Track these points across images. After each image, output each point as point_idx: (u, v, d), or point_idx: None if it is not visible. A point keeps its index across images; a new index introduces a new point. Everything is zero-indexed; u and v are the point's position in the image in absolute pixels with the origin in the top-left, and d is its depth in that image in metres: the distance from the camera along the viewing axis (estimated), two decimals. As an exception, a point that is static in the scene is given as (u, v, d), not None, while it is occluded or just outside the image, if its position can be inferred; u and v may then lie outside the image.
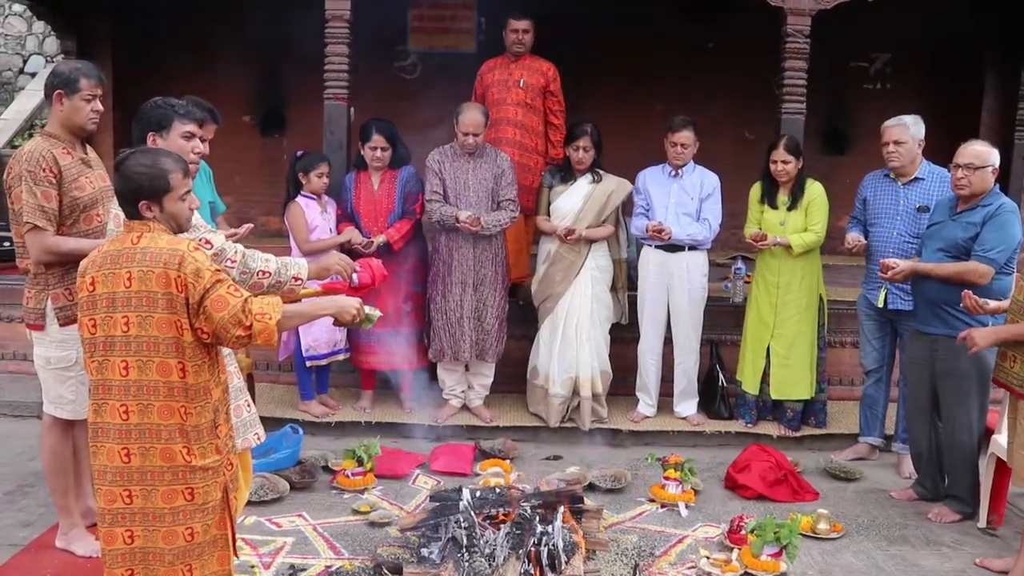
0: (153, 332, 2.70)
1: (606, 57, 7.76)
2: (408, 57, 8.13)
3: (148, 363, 2.72)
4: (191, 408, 2.76)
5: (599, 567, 3.93)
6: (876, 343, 5.41)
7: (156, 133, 3.49)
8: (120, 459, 2.74)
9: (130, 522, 2.77)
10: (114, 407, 2.74)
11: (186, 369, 2.74)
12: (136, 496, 2.75)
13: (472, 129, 5.47)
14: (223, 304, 2.71)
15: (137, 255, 2.73)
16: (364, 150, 5.65)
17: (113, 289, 2.73)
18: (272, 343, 2.82)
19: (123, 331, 2.71)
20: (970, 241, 4.51)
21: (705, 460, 5.43)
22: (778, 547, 4.03)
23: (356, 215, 5.69)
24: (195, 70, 7.69)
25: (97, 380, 2.78)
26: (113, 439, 2.75)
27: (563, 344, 5.72)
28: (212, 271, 2.75)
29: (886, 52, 8.18)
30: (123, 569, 2.79)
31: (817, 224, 5.52)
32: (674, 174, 5.73)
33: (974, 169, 4.48)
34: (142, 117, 3.56)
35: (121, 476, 2.75)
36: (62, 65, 4.04)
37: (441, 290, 5.66)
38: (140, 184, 2.79)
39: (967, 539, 4.51)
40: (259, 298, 2.83)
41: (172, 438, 2.75)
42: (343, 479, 4.91)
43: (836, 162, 7.93)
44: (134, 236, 2.79)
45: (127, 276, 2.71)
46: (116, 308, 2.72)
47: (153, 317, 2.70)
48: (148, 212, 2.80)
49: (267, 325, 2.76)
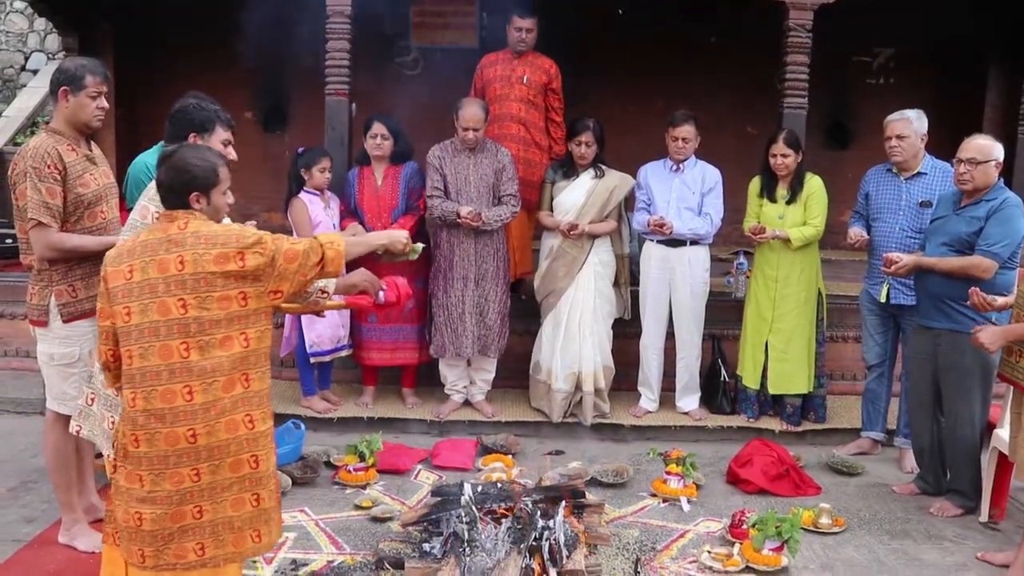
0: (215, 310, 2.78)
1: (607, 53, 7.77)
2: (410, 53, 8.13)
3: (210, 342, 2.79)
4: (253, 374, 2.86)
5: (600, 562, 3.93)
6: (878, 338, 5.40)
7: (198, 134, 3.52)
8: (186, 440, 2.78)
9: (199, 499, 2.82)
10: (173, 390, 2.77)
11: (248, 337, 2.85)
12: (204, 473, 2.81)
13: (472, 124, 5.47)
14: (294, 255, 2.90)
15: (188, 239, 2.81)
16: (366, 140, 5.66)
17: (160, 274, 2.79)
18: (340, 270, 3.08)
19: (180, 313, 2.77)
20: (974, 236, 4.49)
21: (707, 455, 5.43)
22: (780, 541, 4.03)
23: (360, 211, 5.69)
24: (197, 67, 7.70)
25: (141, 367, 2.80)
26: (174, 422, 2.78)
27: (566, 339, 5.72)
28: (265, 236, 2.88)
29: (889, 47, 8.17)
30: (194, 543, 2.83)
31: (816, 218, 5.52)
32: (675, 169, 5.72)
33: (976, 164, 4.47)
34: (184, 116, 3.58)
35: (189, 456, 2.79)
36: (68, 62, 4.04)
37: (443, 286, 5.66)
38: (195, 176, 2.90)
39: (969, 533, 4.51)
40: (318, 235, 3.09)
41: (236, 408, 2.83)
42: (345, 474, 4.91)
43: (838, 157, 7.93)
44: (180, 223, 2.87)
45: (178, 260, 2.78)
46: (166, 293, 2.77)
47: (213, 296, 2.78)
48: (197, 204, 2.91)
49: (338, 251, 3.01)
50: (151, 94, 7.76)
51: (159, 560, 2.81)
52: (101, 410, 3.44)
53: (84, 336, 3.95)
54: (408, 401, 5.94)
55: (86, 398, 3.54)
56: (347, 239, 3.16)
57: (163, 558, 2.81)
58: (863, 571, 4.09)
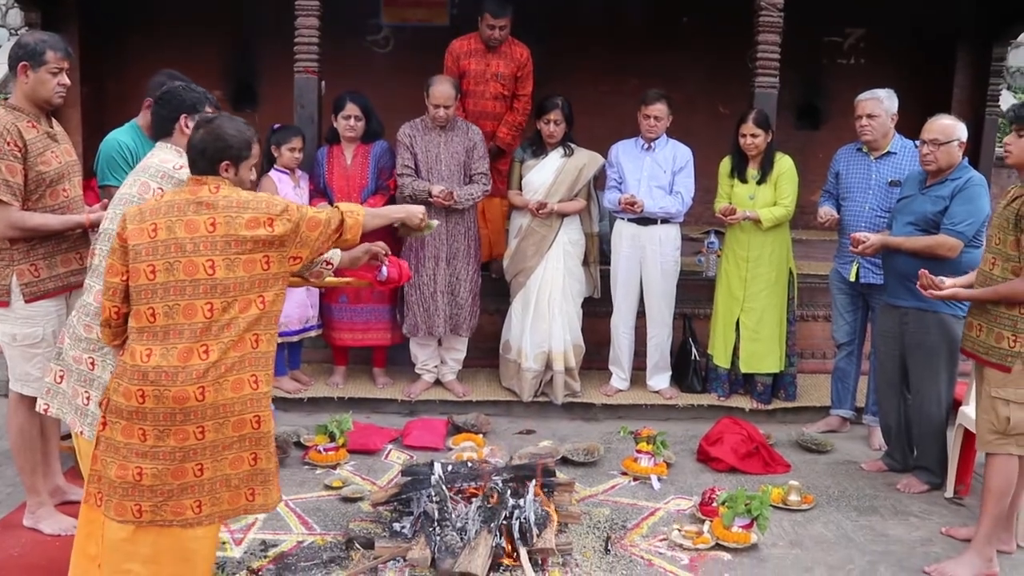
0: (240, 273, 2.86)
1: (580, 32, 7.72)
2: (380, 31, 8.04)
3: (232, 303, 2.86)
4: (263, 336, 2.94)
5: (571, 540, 3.94)
6: (848, 316, 5.44)
7: (189, 116, 3.48)
8: (195, 398, 2.82)
9: (201, 456, 2.86)
10: (192, 349, 2.83)
11: (265, 300, 2.92)
12: (208, 431, 2.86)
13: (443, 101, 5.43)
14: (316, 223, 3.02)
15: (220, 202, 2.90)
16: (337, 120, 5.61)
17: (188, 234, 2.85)
18: (357, 239, 3.20)
19: (208, 274, 2.84)
20: (939, 215, 4.52)
21: (678, 433, 5.45)
22: (749, 519, 4.06)
23: (329, 190, 5.65)
24: (166, 44, 7.58)
25: (165, 325, 2.84)
26: (185, 381, 2.82)
27: (535, 318, 5.71)
28: (291, 206, 2.99)
29: (859, 28, 8.18)
30: (192, 500, 2.88)
31: (787, 198, 5.53)
32: (647, 147, 5.72)
33: (939, 145, 4.48)
34: (175, 98, 3.52)
35: (196, 414, 2.84)
36: (28, 36, 3.95)
37: (414, 265, 5.63)
38: (230, 145, 2.99)
39: (934, 509, 4.56)
40: (338, 204, 3.21)
41: (243, 367, 2.89)
42: (315, 455, 4.89)
43: (810, 137, 7.94)
44: (211, 187, 2.94)
45: (210, 221, 2.86)
46: (194, 252, 2.84)
47: (241, 259, 2.86)
48: (225, 172, 2.99)
49: (357, 220, 3.16)
50: (118, 71, 7.64)
51: (156, 516, 2.86)
52: (74, 386, 3.38)
53: (47, 316, 3.89)
54: (379, 381, 5.92)
55: (55, 375, 3.48)
56: (367, 210, 3.30)
57: (161, 513, 2.86)
58: (831, 547, 4.13)
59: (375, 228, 3.46)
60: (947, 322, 4.53)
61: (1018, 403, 3.74)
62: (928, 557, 4.03)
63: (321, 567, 3.77)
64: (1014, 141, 3.80)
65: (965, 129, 4.55)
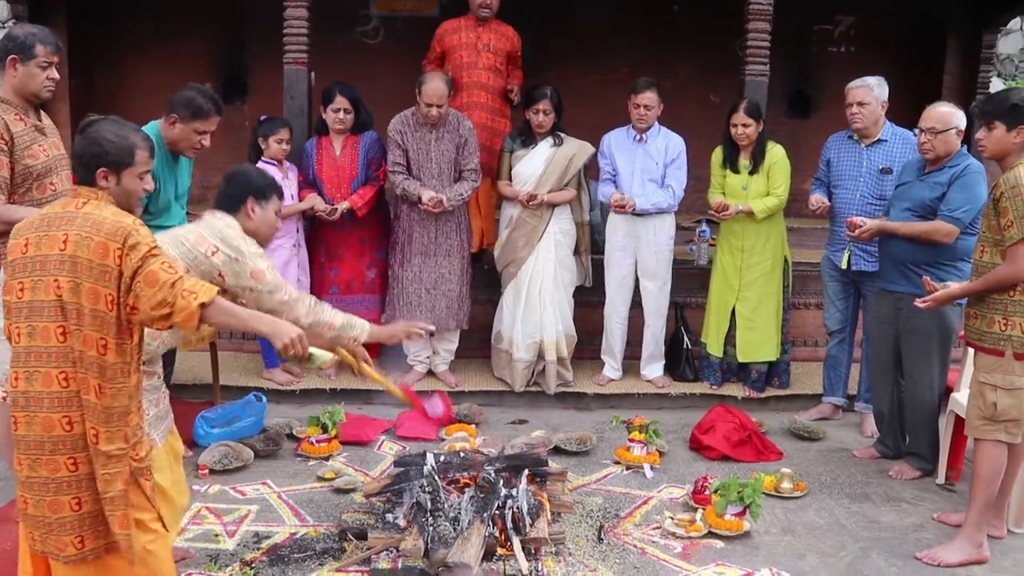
0: (83, 301, 2.58)
1: (570, 19, 7.70)
2: (370, 21, 8.01)
3: (76, 333, 2.60)
4: (106, 388, 2.63)
5: (564, 529, 3.95)
6: (839, 304, 5.44)
7: (256, 201, 3.51)
8: (62, 428, 2.62)
9: (77, 489, 2.65)
10: (51, 375, 2.62)
11: (108, 346, 2.61)
12: (81, 463, 2.64)
13: (435, 100, 5.34)
14: (154, 280, 2.58)
15: (78, 220, 2.62)
16: (326, 113, 5.57)
17: (46, 252, 2.61)
18: (190, 325, 2.63)
19: (56, 295, 2.59)
20: (937, 201, 4.52)
21: (670, 422, 5.46)
22: (742, 507, 4.06)
23: (319, 181, 5.63)
24: (155, 36, 7.55)
25: (28, 347, 2.64)
26: (51, 408, 2.62)
27: (527, 309, 5.71)
28: (150, 245, 2.62)
29: (850, 16, 8.17)
30: (73, 536, 2.67)
31: (779, 187, 5.52)
32: (639, 138, 5.69)
33: (936, 133, 4.48)
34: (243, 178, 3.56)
35: (64, 445, 2.63)
36: (17, 29, 3.92)
37: (400, 259, 5.62)
38: (105, 151, 2.71)
39: (926, 495, 4.58)
40: (194, 280, 2.68)
41: (94, 412, 2.63)
42: (307, 446, 4.89)
43: (801, 125, 7.93)
44: (79, 201, 2.69)
45: (63, 239, 2.60)
46: (48, 271, 2.60)
47: (84, 286, 2.57)
48: (104, 181, 2.71)
49: (189, 304, 2.58)
50: (107, 64, 7.61)
51: (44, 547, 2.70)
52: None
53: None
54: (371, 372, 5.91)
55: None
56: (220, 302, 2.69)
57: (46, 546, 2.69)
58: (824, 534, 4.14)
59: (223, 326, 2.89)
60: (941, 309, 4.52)
61: (1006, 389, 3.75)
62: (920, 543, 4.04)
63: (314, 558, 3.77)
64: (985, 136, 3.82)
65: (964, 117, 4.54)
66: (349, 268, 5.73)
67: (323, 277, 5.73)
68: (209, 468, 4.59)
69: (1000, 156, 3.81)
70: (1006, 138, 3.77)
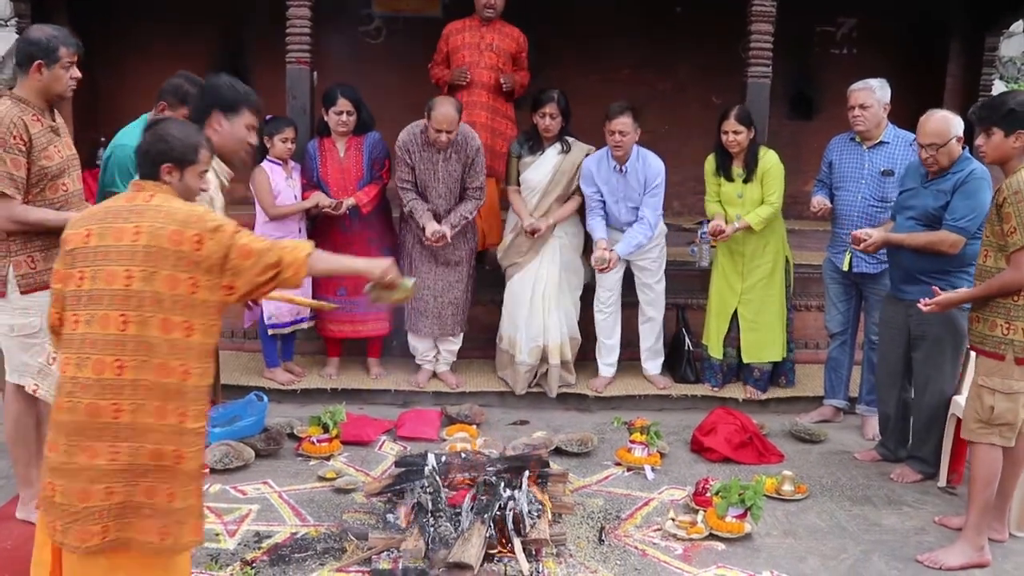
0: (159, 288, 2.67)
1: (571, 20, 7.69)
2: (372, 21, 8.01)
3: (150, 320, 2.66)
4: (193, 369, 2.72)
5: (565, 531, 3.94)
6: (841, 306, 5.44)
7: (225, 114, 3.52)
8: (109, 415, 2.64)
9: (111, 479, 2.64)
10: (104, 362, 2.65)
11: (192, 328, 2.71)
12: (123, 453, 2.64)
13: (445, 126, 5.26)
14: (248, 252, 2.75)
15: (149, 211, 2.74)
16: (328, 115, 5.54)
17: (114, 242, 2.70)
18: (298, 279, 2.85)
19: (124, 285, 2.67)
20: (941, 209, 4.46)
21: (671, 424, 5.45)
22: (743, 509, 4.06)
23: (323, 184, 5.60)
24: (156, 34, 7.54)
25: (83, 334, 2.68)
26: (99, 394, 2.64)
27: (530, 313, 5.69)
28: (233, 225, 2.79)
29: (852, 17, 8.17)
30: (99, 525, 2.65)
31: (773, 195, 5.47)
32: (618, 168, 5.54)
33: (937, 148, 4.43)
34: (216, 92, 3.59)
35: (108, 432, 2.63)
36: (37, 32, 3.91)
37: (407, 265, 5.64)
38: (172, 147, 2.86)
39: (928, 498, 4.58)
40: (285, 241, 2.92)
41: (167, 397, 2.68)
42: (309, 446, 4.88)
43: (803, 127, 7.93)
44: (146, 194, 2.81)
45: (134, 230, 2.70)
46: (114, 261, 2.68)
47: (160, 274, 2.67)
48: (168, 176, 2.86)
49: (296, 258, 2.82)
50: (109, 62, 7.59)
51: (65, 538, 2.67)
52: None
53: (44, 306, 3.86)
54: (372, 372, 5.91)
55: (47, 357, 3.48)
56: (319, 255, 2.94)
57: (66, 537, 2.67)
58: (825, 537, 4.13)
59: (325, 274, 3.22)
60: (952, 315, 4.45)
61: (1003, 393, 3.75)
62: (921, 546, 4.04)
63: (315, 558, 3.77)
64: (985, 141, 3.80)
65: (960, 122, 4.47)
66: None
67: (331, 278, 5.71)
68: (210, 467, 4.58)
69: (1001, 161, 3.80)
70: (1005, 144, 3.75)
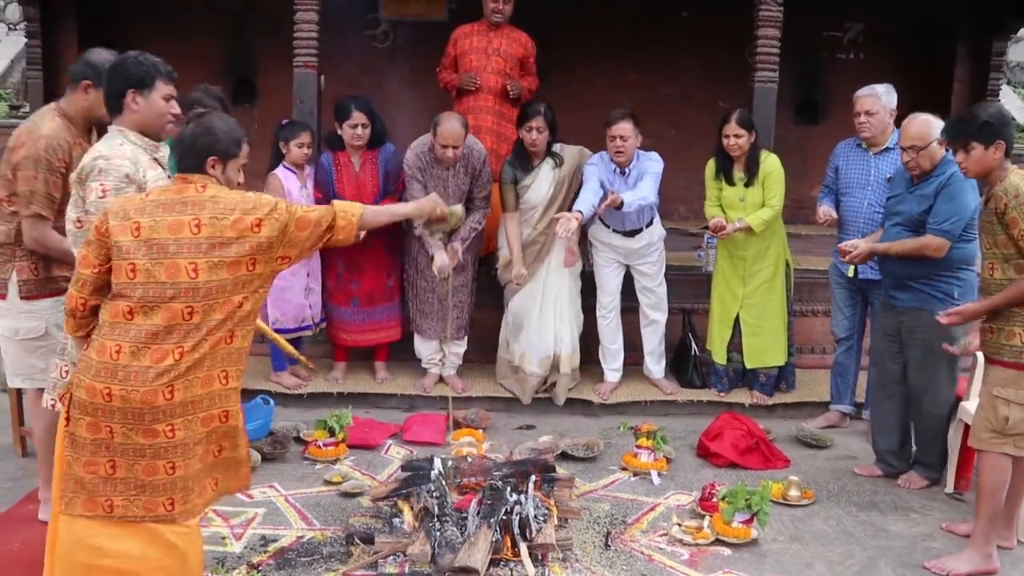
0: (224, 275, 2.79)
1: (578, 26, 7.71)
2: (379, 25, 8.04)
3: (214, 305, 2.79)
4: (238, 332, 2.88)
5: (571, 535, 3.93)
6: (847, 311, 5.43)
7: (137, 91, 3.34)
8: (164, 398, 2.75)
9: (172, 455, 2.79)
10: (164, 350, 2.75)
11: (246, 299, 2.87)
12: (178, 428, 2.79)
13: (452, 141, 5.23)
14: (306, 223, 2.94)
15: (207, 203, 2.82)
16: (343, 129, 5.44)
17: (171, 235, 2.78)
18: (349, 239, 3.10)
19: (190, 277, 2.76)
20: (925, 214, 4.46)
21: (677, 428, 5.44)
22: (749, 514, 4.06)
23: (340, 198, 5.48)
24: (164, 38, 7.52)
25: (139, 324, 2.76)
26: (156, 382, 2.74)
27: (540, 325, 5.67)
28: (286, 203, 2.95)
29: (859, 22, 8.18)
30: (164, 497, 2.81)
31: (773, 198, 5.45)
32: (620, 172, 5.51)
33: (919, 150, 4.43)
34: (123, 72, 3.36)
35: (165, 413, 2.76)
36: (95, 55, 3.91)
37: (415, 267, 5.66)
38: (219, 139, 2.93)
39: (934, 504, 4.56)
40: (335, 204, 3.11)
41: (213, 364, 2.83)
42: (315, 450, 4.89)
43: (809, 131, 7.95)
44: (197, 186, 2.87)
45: (195, 223, 2.79)
46: (178, 254, 2.76)
47: (225, 262, 2.79)
48: (212, 169, 2.92)
49: (349, 221, 3.05)
50: (116, 66, 7.62)
51: (128, 511, 2.80)
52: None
53: (49, 310, 3.90)
54: (379, 376, 5.91)
55: (60, 371, 3.48)
56: (368, 209, 3.20)
57: (133, 509, 2.80)
58: (831, 542, 4.13)
59: (378, 226, 3.46)
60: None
61: (1019, 404, 3.72)
62: (928, 552, 4.03)
63: (321, 562, 3.77)
64: (964, 158, 3.77)
65: (941, 124, 4.40)
66: (370, 280, 5.67)
67: (344, 290, 5.69)
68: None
69: (984, 174, 3.78)
70: (985, 156, 3.72)
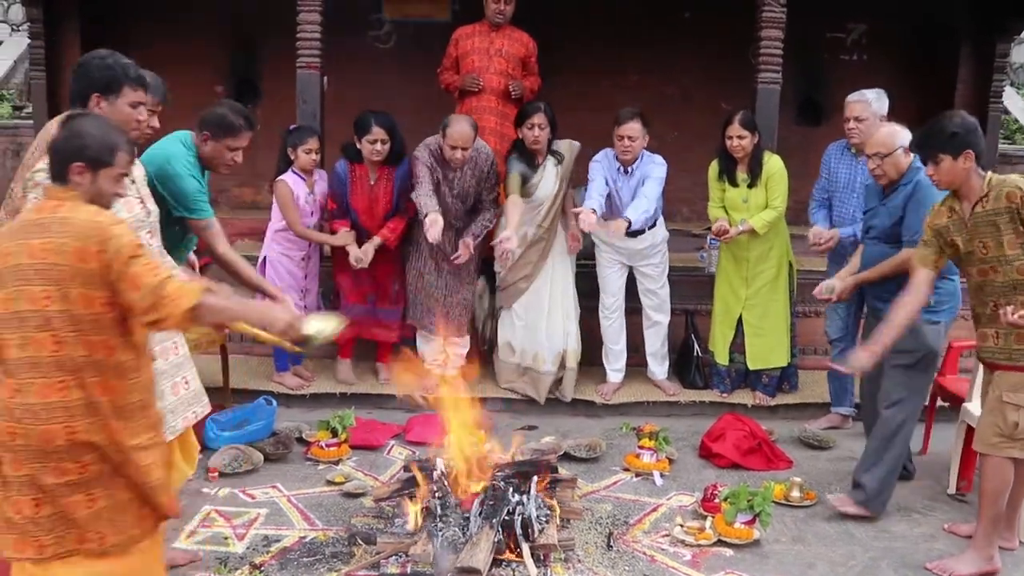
0: (75, 308, 2.51)
1: (580, 27, 7.71)
2: (383, 26, 8.05)
3: (76, 340, 2.53)
4: (119, 386, 2.61)
5: (573, 536, 3.94)
6: (840, 311, 5.37)
7: (102, 96, 3.20)
8: (64, 437, 2.54)
9: (88, 487, 2.59)
10: (50, 385, 2.52)
11: (114, 346, 2.58)
12: (91, 464, 2.58)
13: (461, 143, 5.24)
14: (138, 283, 2.53)
15: (54, 225, 2.53)
16: (361, 143, 5.39)
17: (28, 260, 2.51)
18: (184, 329, 2.67)
19: (44, 305, 2.50)
20: (897, 227, 4.43)
21: (680, 429, 5.45)
22: (751, 515, 4.06)
23: (352, 210, 5.55)
24: (167, 39, 7.58)
25: (19, 358, 2.53)
26: (49, 420, 2.53)
27: (550, 321, 5.69)
28: (132, 246, 2.55)
29: (862, 24, 8.17)
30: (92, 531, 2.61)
31: (777, 199, 5.46)
32: (624, 171, 5.54)
33: (883, 157, 4.39)
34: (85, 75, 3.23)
35: (72, 451, 2.56)
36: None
37: (418, 256, 5.66)
38: (87, 144, 2.62)
39: (937, 505, 4.57)
40: (178, 282, 2.60)
41: (108, 415, 2.59)
42: (317, 450, 4.90)
43: (811, 133, 7.92)
44: (53, 203, 2.60)
45: (43, 247, 2.50)
46: (31, 281, 2.50)
47: (73, 292, 2.50)
48: (78, 177, 2.62)
49: (174, 312, 2.53)
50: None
51: (60, 548, 2.60)
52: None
53: None
54: (381, 376, 5.92)
55: None
56: (208, 300, 2.59)
57: (65, 544, 2.60)
58: (834, 543, 4.13)
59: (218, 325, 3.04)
60: (921, 329, 4.26)
61: None
62: (931, 553, 4.03)
63: (323, 562, 3.77)
64: (934, 170, 3.75)
65: (908, 134, 4.39)
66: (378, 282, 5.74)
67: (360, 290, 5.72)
68: (219, 471, 4.60)
69: (955, 185, 3.76)
70: (955, 167, 3.70)
